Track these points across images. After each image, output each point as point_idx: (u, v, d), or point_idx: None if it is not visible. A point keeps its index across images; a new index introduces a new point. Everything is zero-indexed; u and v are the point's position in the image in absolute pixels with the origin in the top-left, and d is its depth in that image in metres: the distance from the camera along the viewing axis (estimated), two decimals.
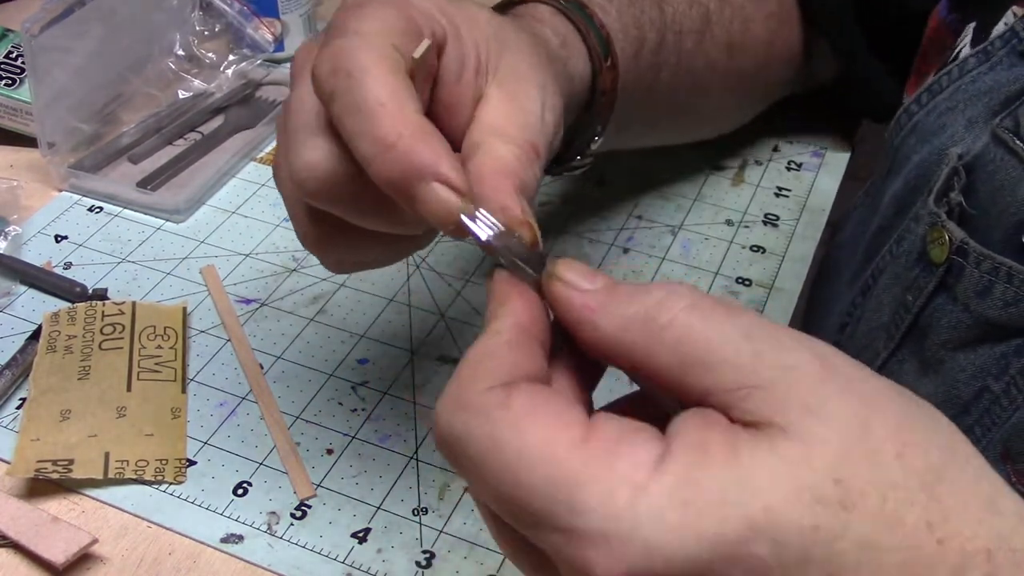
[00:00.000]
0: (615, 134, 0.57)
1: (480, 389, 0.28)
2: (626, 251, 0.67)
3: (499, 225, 0.33)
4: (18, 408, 0.55)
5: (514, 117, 0.38)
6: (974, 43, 0.54)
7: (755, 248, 0.67)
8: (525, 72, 0.40)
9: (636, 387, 0.33)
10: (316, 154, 0.36)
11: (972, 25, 0.55)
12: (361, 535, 0.49)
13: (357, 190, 0.36)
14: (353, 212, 0.37)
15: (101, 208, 0.69)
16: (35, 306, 0.61)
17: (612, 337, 0.29)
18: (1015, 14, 0.51)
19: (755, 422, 0.27)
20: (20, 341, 0.58)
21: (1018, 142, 0.47)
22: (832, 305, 0.61)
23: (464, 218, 0.33)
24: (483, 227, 0.33)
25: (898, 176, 0.57)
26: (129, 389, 0.55)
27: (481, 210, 0.33)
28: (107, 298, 0.61)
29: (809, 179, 0.73)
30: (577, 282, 0.30)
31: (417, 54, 0.36)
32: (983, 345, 0.48)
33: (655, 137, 0.68)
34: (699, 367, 0.28)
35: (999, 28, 0.52)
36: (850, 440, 0.26)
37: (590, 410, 0.31)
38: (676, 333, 0.28)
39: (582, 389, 0.32)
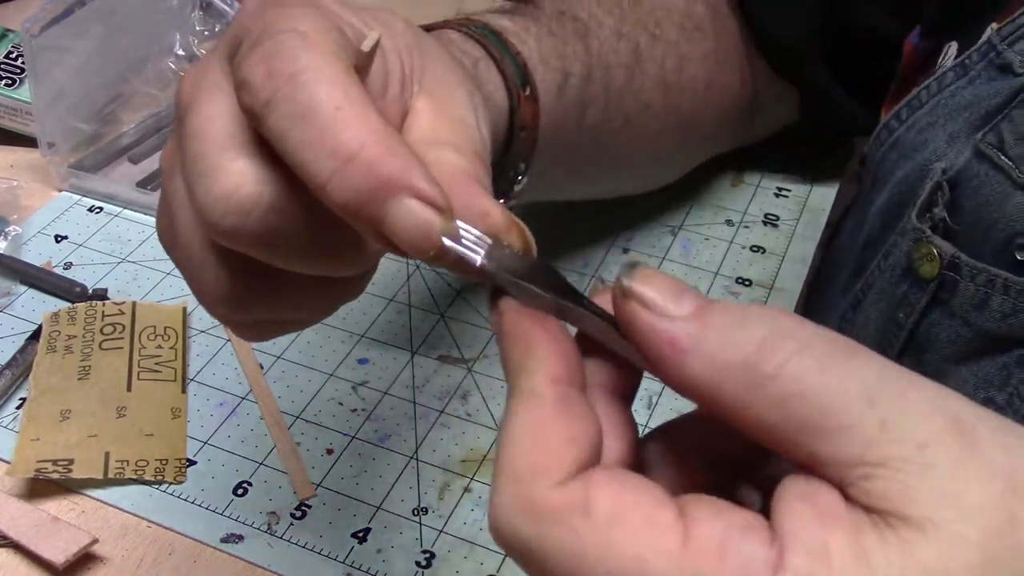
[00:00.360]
0: (538, 177, 0.52)
1: (548, 486, 0.23)
2: (626, 251, 0.67)
3: (485, 239, 0.28)
4: (18, 408, 0.55)
5: (452, 128, 0.33)
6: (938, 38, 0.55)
7: (755, 248, 0.67)
8: (452, 82, 0.35)
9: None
10: (236, 179, 0.29)
11: (953, 44, 0.55)
12: (361, 535, 0.49)
13: (293, 221, 0.29)
14: (285, 251, 0.30)
15: (101, 208, 0.69)
16: (35, 306, 0.61)
17: (703, 384, 0.24)
18: (991, 28, 0.51)
19: (879, 509, 0.22)
20: (20, 341, 0.58)
21: (1003, 157, 0.47)
22: (828, 312, 0.61)
23: (446, 240, 0.27)
24: (470, 247, 0.27)
25: (882, 191, 0.57)
26: (129, 389, 0.55)
27: (463, 225, 0.27)
28: (107, 298, 0.61)
29: (809, 180, 0.73)
30: (661, 304, 0.24)
31: (366, 47, 0.31)
32: (984, 357, 0.48)
33: (586, 185, 0.62)
34: (810, 432, 0.23)
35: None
36: (995, 538, 0.22)
37: (630, 416, 0.27)
38: (784, 388, 0.23)
39: (624, 395, 0.28)
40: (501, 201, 0.49)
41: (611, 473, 0.24)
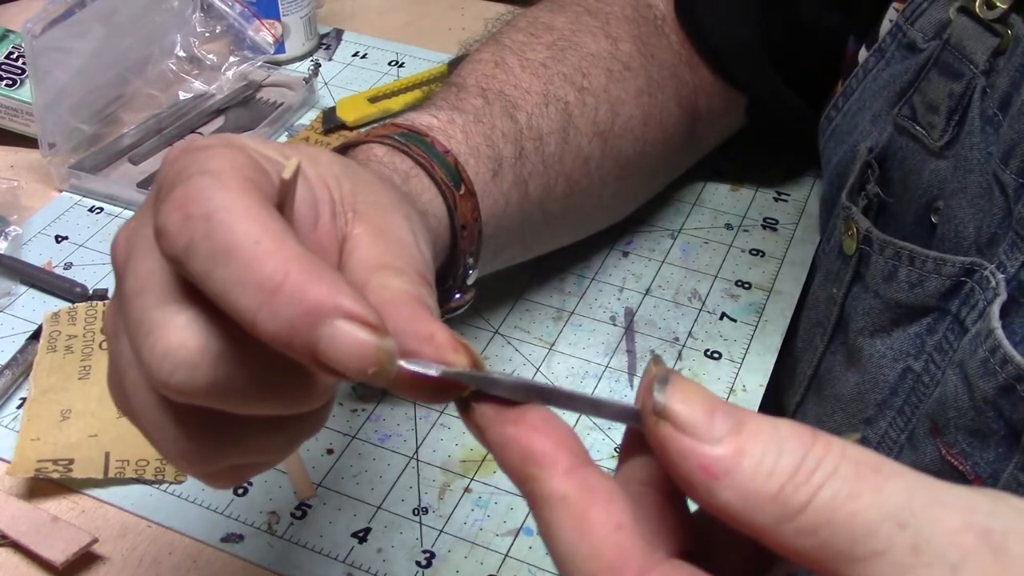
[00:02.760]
0: (492, 260, 0.54)
1: None
2: (626, 254, 0.67)
3: (430, 365, 0.27)
4: (18, 408, 0.55)
5: (392, 251, 0.33)
6: (867, 45, 0.57)
7: (755, 252, 0.67)
8: (387, 205, 0.35)
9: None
10: (180, 334, 0.28)
11: (852, 38, 0.59)
12: (361, 535, 0.49)
13: (242, 366, 0.28)
14: (239, 398, 0.29)
15: (101, 209, 0.69)
16: (35, 306, 0.62)
17: (735, 512, 0.23)
18: (896, 10, 0.55)
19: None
20: (20, 341, 0.58)
21: (918, 128, 0.51)
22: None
23: (402, 363, 0.27)
24: (417, 365, 0.27)
25: (823, 178, 0.59)
26: None
27: (404, 363, 0.27)
28: (107, 298, 0.61)
29: (808, 184, 0.73)
30: (695, 427, 0.24)
31: (286, 174, 0.30)
32: (897, 328, 0.51)
33: (543, 247, 0.61)
34: (843, 559, 0.23)
35: (886, 25, 0.56)
36: None
37: (685, 510, 0.27)
38: (815, 518, 0.23)
39: (675, 489, 0.27)
40: (457, 295, 0.50)
41: (687, 571, 0.24)
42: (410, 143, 0.48)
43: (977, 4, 0.48)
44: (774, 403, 0.59)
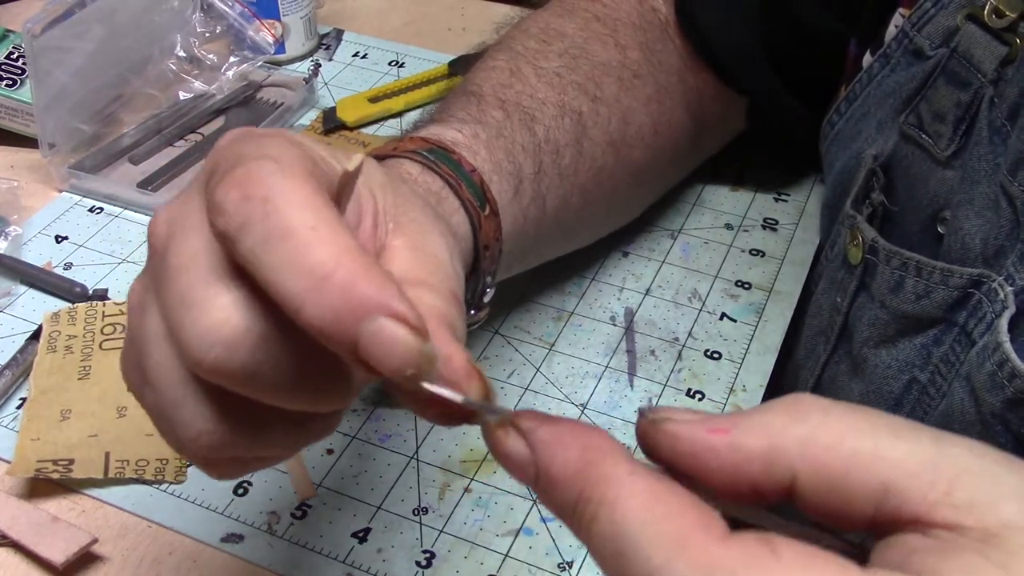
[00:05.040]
0: (507, 272, 0.54)
1: (716, 540, 0.23)
2: (626, 254, 0.67)
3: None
4: (18, 408, 0.55)
5: (428, 267, 0.34)
6: (872, 49, 0.57)
7: (755, 252, 0.67)
8: (426, 221, 0.36)
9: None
10: (223, 313, 0.28)
11: (853, 42, 0.59)
12: (361, 535, 0.49)
13: (278, 355, 0.28)
14: (270, 386, 0.29)
15: (101, 209, 0.69)
16: (35, 306, 0.62)
17: (762, 451, 0.24)
18: (902, 15, 0.54)
19: (957, 524, 0.23)
20: (20, 341, 0.58)
21: (924, 136, 0.50)
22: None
23: (427, 385, 0.27)
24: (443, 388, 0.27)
25: (826, 184, 0.59)
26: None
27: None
28: (107, 298, 0.61)
29: (808, 184, 0.73)
30: (688, 417, 0.25)
31: (351, 166, 0.29)
32: (903, 339, 0.50)
33: (555, 254, 0.61)
34: (871, 460, 0.23)
35: (891, 31, 0.55)
36: None
37: None
38: (837, 426, 0.24)
39: None
40: (472, 312, 0.50)
41: (792, 541, 0.23)
42: (439, 161, 0.47)
43: (986, 12, 0.47)
44: None
